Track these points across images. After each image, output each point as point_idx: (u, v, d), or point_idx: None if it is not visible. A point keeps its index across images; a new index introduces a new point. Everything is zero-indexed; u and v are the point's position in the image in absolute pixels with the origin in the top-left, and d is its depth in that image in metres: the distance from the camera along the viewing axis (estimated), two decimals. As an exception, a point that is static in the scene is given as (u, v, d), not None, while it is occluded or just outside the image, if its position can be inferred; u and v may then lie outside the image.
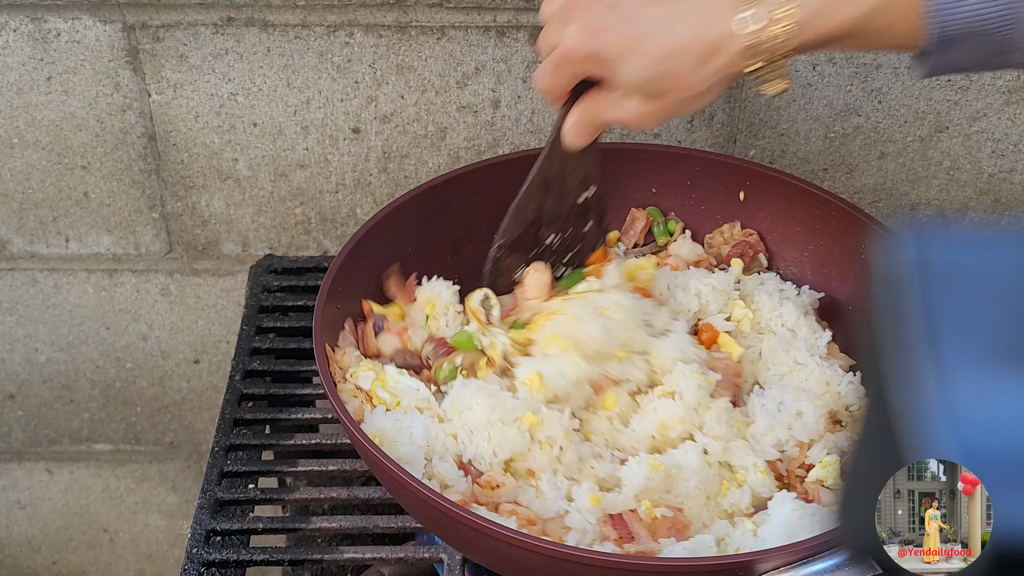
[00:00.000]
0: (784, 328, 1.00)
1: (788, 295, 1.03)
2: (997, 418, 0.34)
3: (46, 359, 1.38)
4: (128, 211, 1.24)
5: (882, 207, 1.22)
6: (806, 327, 1.00)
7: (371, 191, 1.22)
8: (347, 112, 1.17)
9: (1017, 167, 1.19)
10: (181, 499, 1.53)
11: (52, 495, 1.53)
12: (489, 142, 1.18)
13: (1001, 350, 0.36)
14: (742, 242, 1.08)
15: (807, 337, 0.99)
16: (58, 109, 1.17)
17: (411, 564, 0.97)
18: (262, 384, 1.08)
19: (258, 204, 1.23)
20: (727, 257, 1.08)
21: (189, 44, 1.12)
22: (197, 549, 0.92)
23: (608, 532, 0.82)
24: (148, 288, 1.31)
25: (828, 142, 1.18)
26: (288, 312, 1.17)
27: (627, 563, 0.77)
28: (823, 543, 0.77)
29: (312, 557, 0.92)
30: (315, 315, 0.91)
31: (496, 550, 0.79)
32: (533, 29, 1.11)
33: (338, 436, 1.02)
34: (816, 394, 0.94)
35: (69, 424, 1.45)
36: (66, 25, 1.11)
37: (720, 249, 1.09)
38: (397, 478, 0.79)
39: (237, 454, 1.01)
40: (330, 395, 0.85)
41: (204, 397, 1.42)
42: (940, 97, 1.15)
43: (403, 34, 1.12)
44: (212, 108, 1.16)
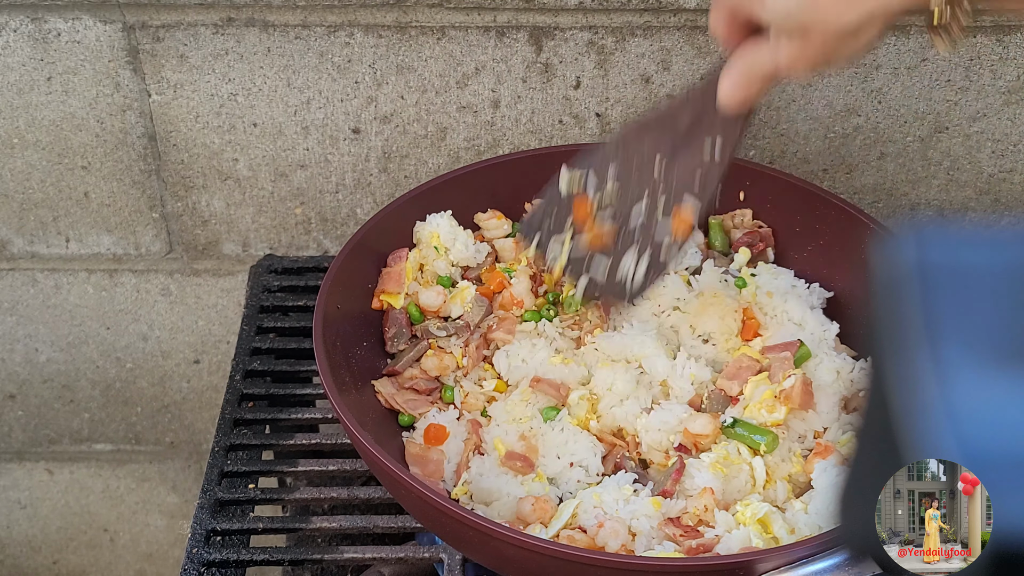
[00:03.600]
0: (791, 323, 1.00)
1: (795, 291, 1.04)
2: (997, 418, 0.34)
3: (46, 359, 1.38)
4: (128, 211, 1.24)
5: (882, 207, 1.22)
6: (813, 320, 1.01)
7: (371, 191, 1.22)
8: (347, 112, 1.17)
9: (1017, 167, 1.19)
10: (181, 499, 1.53)
11: (52, 495, 1.53)
12: (489, 142, 1.18)
13: (1001, 350, 0.36)
14: (754, 231, 1.08)
15: (815, 330, 1.00)
16: (58, 109, 1.17)
17: (411, 564, 0.98)
18: (262, 384, 1.08)
19: (258, 204, 1.23)
20: (736, 244, 1.08)
21: (189, 44, 1.12)
22: (197, 549, 0.92)
23: (672, 531, 0.84)
24: (148, 288, 1.31)
25: (828, 142, 1.18)
26: (288, 312, 1.17)
27: (627, 563, 0.78)
28: (823, 543, 0.77)
29: (312, 557, 0.92)
30: (315, 315, 0.91)
31: (496, 550, 0.79)
32: (533, 29, 1.11)
33: (338, 436, 1.02)
34: (827, 383, 0.94)
35: (69, 424, 1.45)
36: (66, 25, 1.11)
37: (730, 231, 1.10)
38: (397, 478, 0.79)
39: (237, 454, 1.01)
40: (330, 395, 0.85)
41: (204, 397, 1.42)
42: (940, 97, 1.15)
43: (403, 34, 1.12)
44: (212, 108, 1.16)
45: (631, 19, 1.10)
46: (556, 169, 1.01)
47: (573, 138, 1.18)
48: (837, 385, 0.95)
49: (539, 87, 1.14)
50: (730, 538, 0.83)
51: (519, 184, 1.06)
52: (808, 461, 0.91)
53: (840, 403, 0.95)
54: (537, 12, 1.10)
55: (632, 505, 0.86)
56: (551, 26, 1.11)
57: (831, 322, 1.01)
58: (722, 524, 0.85)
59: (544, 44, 1.12)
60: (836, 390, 0.95)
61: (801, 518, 0.86)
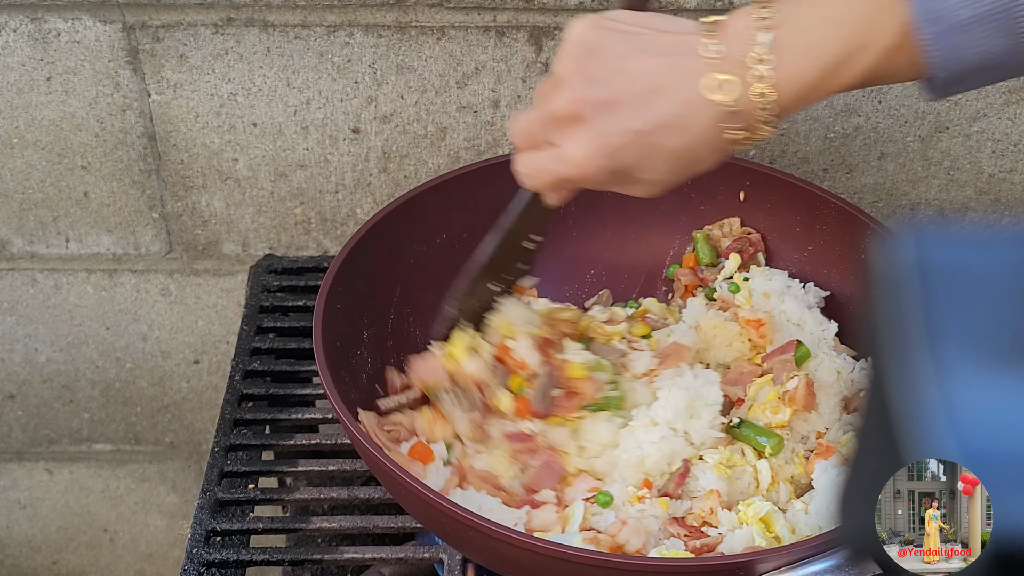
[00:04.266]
0: (789, 323, 1.00)
1: (791, 291, 1.04)
2: (997, 418, 0.34)
3: (46, 359, 1.38)
4: (128, 211, 1.24)
5: (882, 207, 1.22)
6: (811, 320, 1.00)
7: (371, 191, 1.22)
8: (347, 112, 1.17)
9: (1017, 167, 1.19)
10: (181, 499, 1.53)
11: (52, 495, 1.53)
12: (489, 142, 1.18)
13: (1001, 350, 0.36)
14: (743, 238, 1.08)
15: (813, 330, 1.00)
16: (58, 109, 1.17)
17: (411, 564, 0.97)
18: (262, 384, 1.08)
19: (258, 204, 1.23)
20: (726, 251, 1.08)
21: (189, 44, 1.12)
22: (197, 549, 0.92)
23: (677, 531, 0.85)
24: (148, 288, 1.31)
25: (828, 142, 1.18)
26: (288, 312, 1.17)
27: (627, 563, 0.78)
28: (823, 543, 0.77)
29: (312, 557, 0.92)
30: (315, 315, 0.91)
31: (496, 550, 0.79)
32: (533, 29, 1.11)
33: (338, 436, 1.02)
34: (827, 383, 0.94)
35: (69, 424, 1.45)
36: (66, 25, 1.11)
37: (718, 242, 1.09)
38: (397, 478, 0.79)
39: (237, 454, 1.01)
40: (330, 395, 0.85)
41: (204, 397, 1.42)
42: (940, 97, 1.15)
43: (403, 34, 1.12)
44: (212, 108, 1.16)
45: (631, 19, 1.10)
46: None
47: (573, 138, 1.17)
48: (838, 385, 0.95)
49: (539, 87, 1.14)
50: (733, 537, 0.84)
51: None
52: (809, 462, 0.91)
53: (840, 403, 0.95)
54: (537, 12, 1.10)
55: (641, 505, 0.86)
56: (551, 26, 1.11)
57: (829, 321, 1.01)
58: (725, 523, 0.85)
59: (544, 44, 1.12)
60: (837, 390, 0.94)
61: (801, 518, 0.86)
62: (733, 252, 1.07)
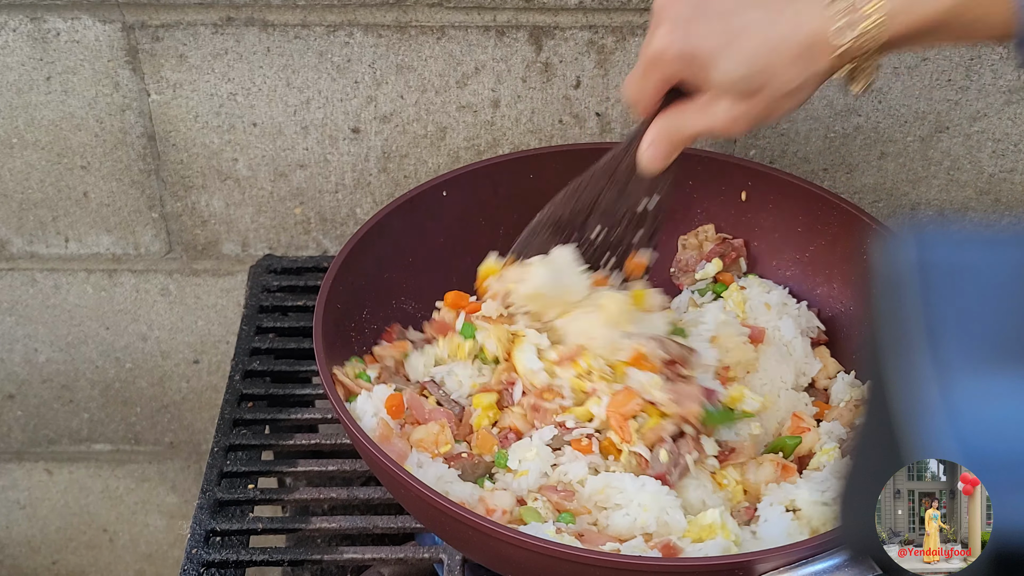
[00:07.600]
0: (781, 343, 1.00)
1: (790, 311, 1.03)
2: (997, 418, 0.34)
3: (46, 359, 1.38)
4: (128, 211, 1.24)
5: (882, 207, 1.22)
6: (801, 349, 1.00)
7: (371, 191, 1.22)
8: (347, 112, 1.16)
9: (1017, 167, 1.19)
10: (181, 499, 1.53)
11: (52, 495, 1.53)
12: (489, 142, 1.18)
13: (1001, 350, 0.36)
14: (726, 243, 1.08)
15: (799, 360, 1.00)
16: (58, 109, 1.17)
17: (411, 564, 0.97)
18: (262, 384, 1.08)
19: (258, 204, 1.23)
20: (709, 255, 1.08)
21: (189, 44, 1.12)
22: (197, 549, 0.92)
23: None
24: (148, 288, 1.31)
25: (828, 142, 1.18)
26: (288, 312, 1.17)
27: (627, 563, 0.77)
28: (823, 543, 0.77)
29: (312, 557, 0.92)
30: (315, 315, 0.91)
31: (496, 550, 0.79)
32: (533, 29, 1.11)
33: (338, 436, 1.01)
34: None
35: (69, 424, 1.44)
36: (66, 25, 1.11)
37: (694, 251, 1.09)
38: (397, 478, 0.79)
39: (237, 454, 1.01)
40: (330, 395, 0.85)
41: (204, 397, 1.42)
42: (940, 97, 1.15)
43: (403, 34, 1.12)
44: (212, 108, 1.16)
45: (631, 19, 1.10)
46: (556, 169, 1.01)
47: (573, 138, 1.18)
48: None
49: (539, 87, 1.14)
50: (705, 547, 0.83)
51: (519, 184, 1.06)
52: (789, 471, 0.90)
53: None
54: (537, 12, 1.10)
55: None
56: (551, 26, 1.11)
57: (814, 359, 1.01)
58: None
59: (544, 44, 1.12)
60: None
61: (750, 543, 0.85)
62: (715, 256, 1.07)
